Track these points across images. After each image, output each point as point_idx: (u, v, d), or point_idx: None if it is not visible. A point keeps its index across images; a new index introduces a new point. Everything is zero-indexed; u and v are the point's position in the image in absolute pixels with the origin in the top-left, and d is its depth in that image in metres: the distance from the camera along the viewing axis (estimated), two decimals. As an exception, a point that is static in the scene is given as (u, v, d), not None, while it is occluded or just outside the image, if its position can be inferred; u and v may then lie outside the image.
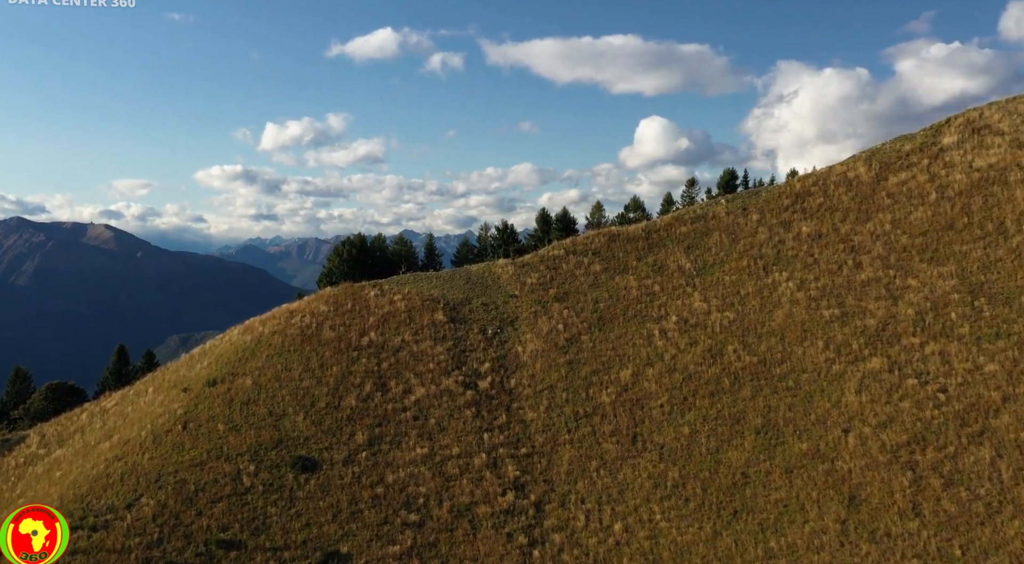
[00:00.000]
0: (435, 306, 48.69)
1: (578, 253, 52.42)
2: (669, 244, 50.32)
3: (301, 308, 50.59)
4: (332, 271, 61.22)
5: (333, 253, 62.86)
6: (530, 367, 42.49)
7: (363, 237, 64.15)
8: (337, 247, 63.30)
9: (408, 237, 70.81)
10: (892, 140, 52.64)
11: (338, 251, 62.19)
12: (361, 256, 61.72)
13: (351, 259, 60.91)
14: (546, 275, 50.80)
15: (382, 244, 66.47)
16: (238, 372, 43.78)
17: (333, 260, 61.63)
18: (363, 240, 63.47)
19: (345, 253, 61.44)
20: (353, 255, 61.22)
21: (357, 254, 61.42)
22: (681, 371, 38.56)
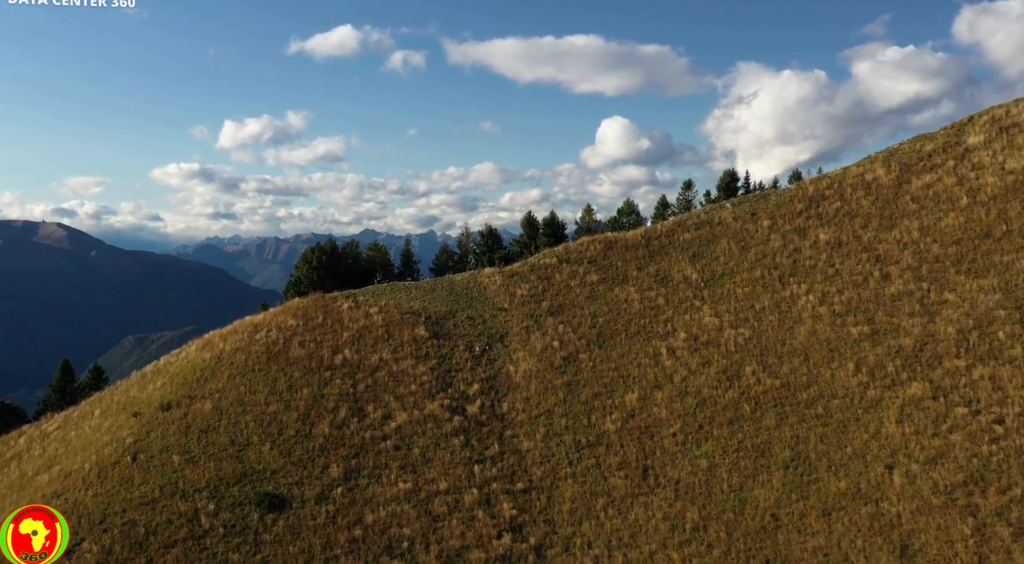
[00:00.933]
0: (416, 320, 45.78)
1: (572, 262, 49.75)
2: (672, 252, 47.83)
3: (266, 321, 47.40)
4: (300, 280, 57.95)
5: (301, 260, 59.60)
6: (524, 389, 39.70)
7: (334, 243, 60.96)
8: (305, 253, 60.05)
9: (383, 243, 67.59)
10: (910, 139, 50.65)
11: (306, 258, 58.94)
12: (332, 263, 58.53)
13: (321, 267, 57.69)
14: (538, 286, 48.06)
15: (355, 250, 63.30)
16: (196, 394, 40.55)
17: (301, 268, 58.36)
18: (334, 246, 60.29)
19: (314, 260, 58.20)
20: (323, 262, 58.01)
21: (327, 261, 58.22)
22: (694, 395, 35.96)
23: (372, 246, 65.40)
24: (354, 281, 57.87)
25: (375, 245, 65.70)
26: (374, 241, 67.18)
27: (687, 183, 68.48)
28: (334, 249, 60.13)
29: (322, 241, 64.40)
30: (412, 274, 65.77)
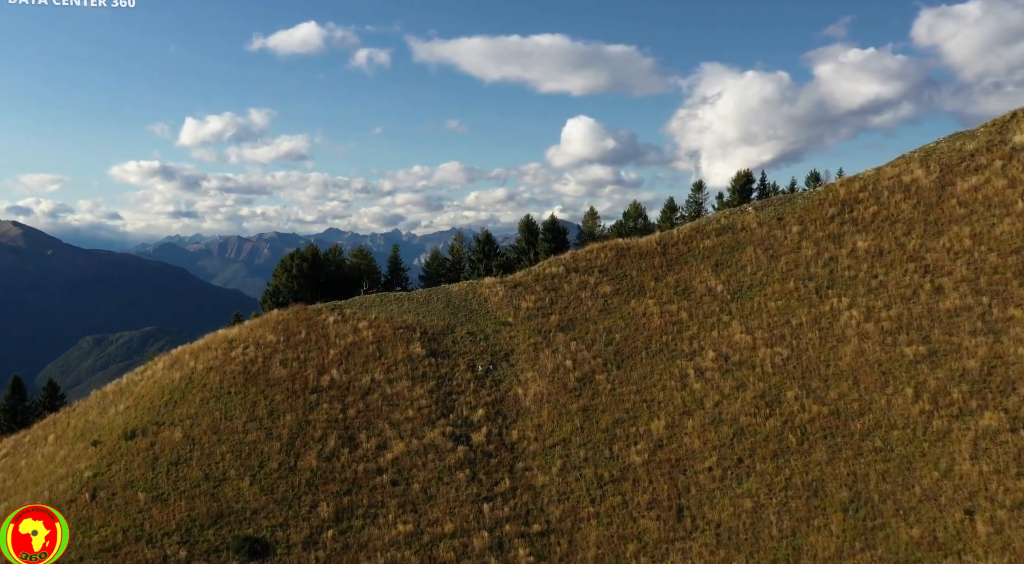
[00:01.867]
0: (410, 336, 42.86)
1: (581, 271, 47.00)
2: (692, 261, 45.21)
3: (243, 337, 44.29)
4: (279, 289, 54.75)
5: (279, 268, 56.40)
6: (535, 415, 36.87)
7: (315, 249, 57.83)
8: (284, 260, 56.85)
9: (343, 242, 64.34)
10: (946, 137, 48.40)
11: (285, 265, 55.75)
12: (313, 272, 55.43)
13: (301, 275, 54.54)
14: (544, 298, 45.26)
15: (338, 257, 60.19)
16: (165, 421, 37.41)
17: (279, 276, 55.16)
18: (315, 252, 57.16)
19: (294, 267, 55.03)
20: (304, 270, 54.87)
21: (308, 269, 55.09)
22: (730, 423, 33.29)
23: (356, 252, 62.26)
24: (338, 290, 54.83)
25: (360, 251, 62.56)
26: (359, 246, 63.96)
27: (697, 184, 66.03)
28: (315, 255, 56.98)
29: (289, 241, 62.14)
30: (401, 283, 62.74)
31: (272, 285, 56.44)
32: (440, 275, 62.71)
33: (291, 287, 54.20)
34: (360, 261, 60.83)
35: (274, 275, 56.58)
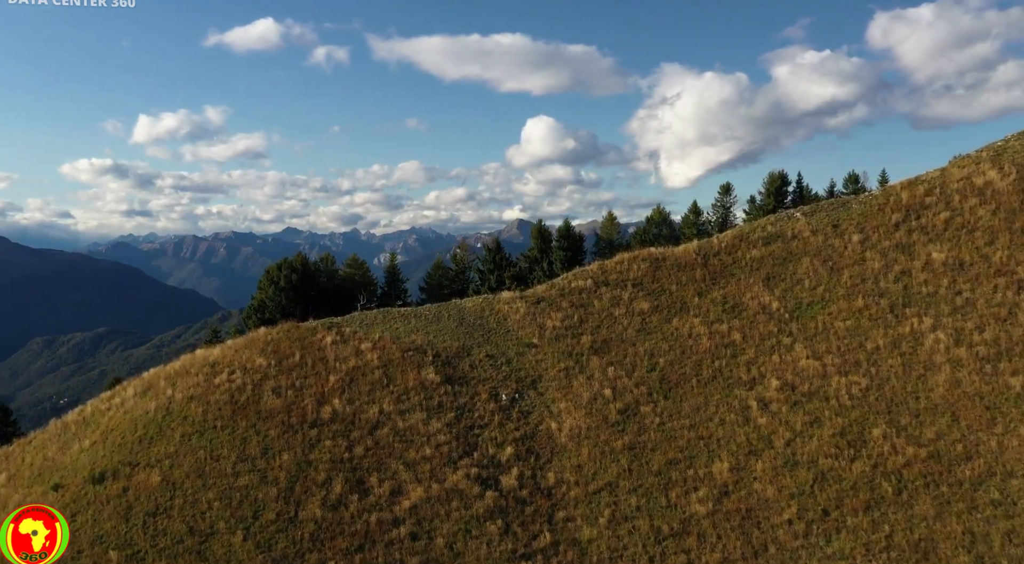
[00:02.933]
0: (421, 359, 39.19)
1: (612, 285, 43.52)
2: (739, 273, 41.86)
3: (227, 359, 40.44)
4: (264, 304, 50.81)
5: (264, 279, 52.45)
6: (573, 454, 33.25)
7: (305, 258, 53.98)
8: (270, 271, 52.89)
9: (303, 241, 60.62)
10: (1015, 135, 45.55)
11: (271, 277, 51.81)
12: (304, 283, 51.58)
13: (290, 288, 50.65)
14: (572, 316, 41.71)
15: (330, 266, 56.38)
16: (139, 461, 33.51)
17: (265, 289, 51.20)
18: (305, 262, 53.31)
19: (282, 279, 51.11)
20: (293, 282, 50.98)
21: (299, 281, 51.21)
22: (807, 466, 29.81)
23: (351, 261, 58.33)
24: (331, 305, 51.04)
25: (354, 260, 58.62)
26: (353, 255, 60.07)
27: (725, 186, 62.77)
28: (305, 265, 53.12)
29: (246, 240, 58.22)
30: (399, 295, 58.99)
31: (257, 298, 52.47)
32: (443, 287, 59.04)
33: (279, 301, 50.34)
34: (354, 271, 56.98)
35: (259, 287, 52.62)
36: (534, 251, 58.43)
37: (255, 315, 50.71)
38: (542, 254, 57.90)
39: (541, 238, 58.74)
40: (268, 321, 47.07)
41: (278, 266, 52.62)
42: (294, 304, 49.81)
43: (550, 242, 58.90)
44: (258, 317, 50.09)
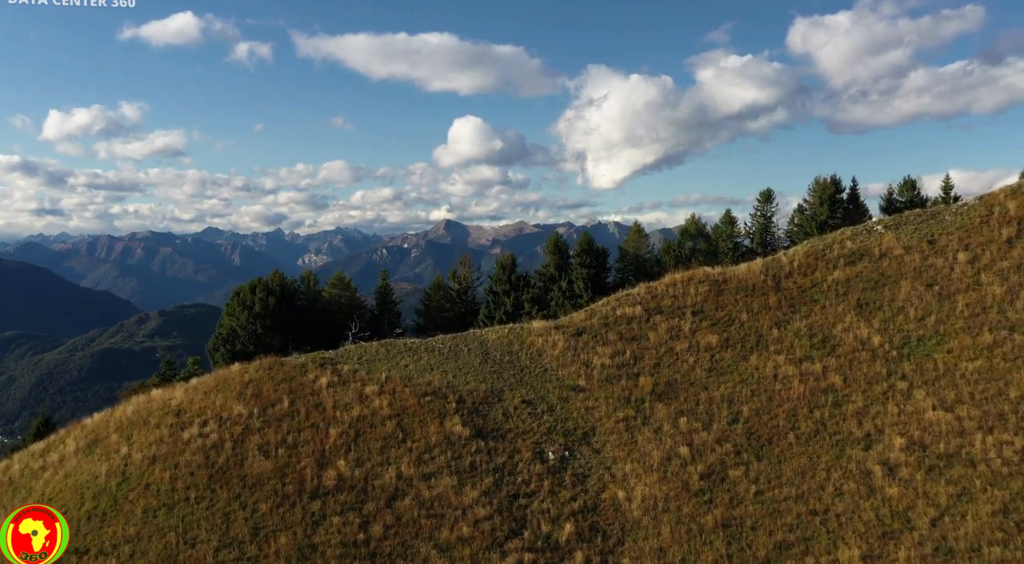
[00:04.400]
0: (443, 406, 33.56)
1: (667, 312, 38.28)
2: (822, 299, 36.90)
3: (195, 405, 34.52)
4: (235, 333, 44.66)
5: (234, 302, 46.30)
6: (651, 532, 27.75)
7: (283, 278, 47.91)
8: (241, 293, 46.76)
9: (226, 241, 54.27)
10: None
11: (242, 300, 45.68)
12: (282, 308, 45.55)
13: (267, 313, 44.59)
14: (624, 351, 36.37)
15: (312, 288, 50.41)
16: (89, 546, 27.47)
17: (237, 315, 45.08)
18: (283, 282, 47.29)
19: (256, 303, 45.00)
20: (270, 307, 44.92)
21: (276, 305, 45.15)
22: (967, 556, 24.61)
23: (335, 281, 52.22)
24: (315, 333, 45.16)
25: (340, 280, 52.52)
26: (338, 273, 53.95)
27: (765, 193, 57.81)
28: (284, 287, 47.08)
29: (164, 240, 52.62)
30: (394, 321, 53.16)
31: (224, 326, 46.25)
32: (443, 310, 53.38)
33: (252, 330, 44.31)
34: (340, 292, 50.98)
35: (227, 313, 46.41)
36: (550, 268, 52.94)
37: (224, 347, 44.53)
38: (560, 271, 52.47)
39: (558, 253, 53.28)
40: (241, 355, 41.08)
41: (251, 287, 46.45)
42: (271, 333, 43.90)
43: (568, 257, 53.53)
44: (227, 349, 43.98)
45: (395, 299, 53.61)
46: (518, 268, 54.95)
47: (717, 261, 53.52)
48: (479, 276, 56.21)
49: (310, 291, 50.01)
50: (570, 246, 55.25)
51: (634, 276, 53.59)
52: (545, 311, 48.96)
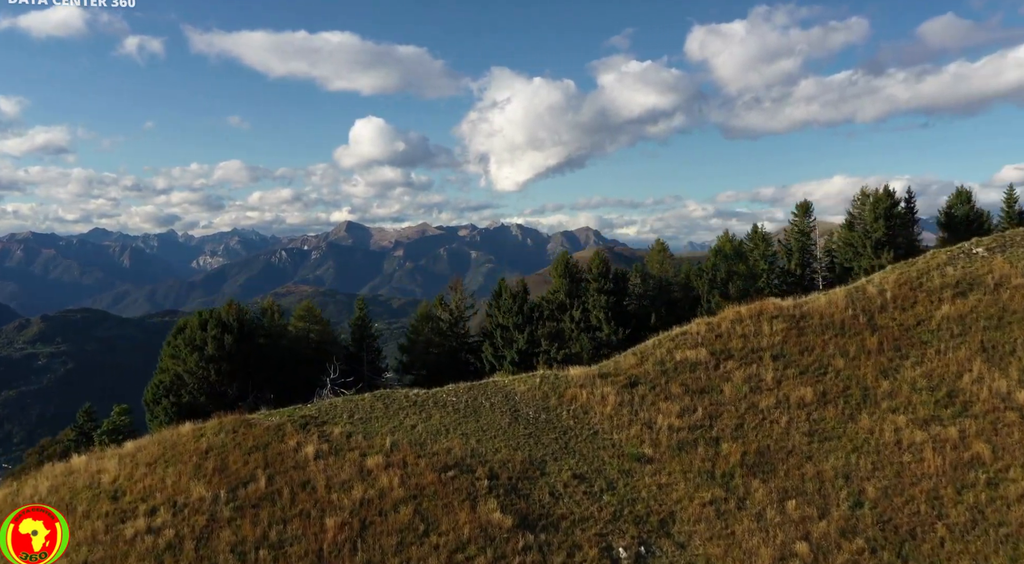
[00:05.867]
0: (472, 483, 27.21)
1: (739, 356, 32.41)
2: (932, 340, 31.48)
3: (136, 484, 27.75)
4: (181, 381, 37.47)
5: (179, 341, 39.13)
6: None
7: (240, 309, 40.82)
8: (188, 329, 39.55)
9: (139, 249, 46.82)
10: None
11: (189, 338, 38.54)
12: (241, 348, 38.57)
13: (222, 355, 37.54)
14: (693, 406, 30.35)
15: (276, 323, 43.39)
16: None
17: (183, 357, 37.91)
18: (241, 313, 40.24)
19: (209, 343, 37.90)
20: (226, 347, 37.86)
21: (234, 344, 38.13)
22: None
23: (303, 312, 44.96)
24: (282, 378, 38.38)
25: (309, 312, 45.22)
26: (306, 302, 46.71)
27: (803, 206, 52.34)
28: (242, 321, 39.98)
29: (47, 241, 44.89)
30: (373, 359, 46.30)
31: (167, 372, 38.93)
32: (432, 345, 46.73)
33: (204, 376, 37.24)
34: (310, 326, 43.95)
35: (169, 354, 39.07)
36: (559, 294, 46.59)
37: (166, 398, 37.34)
38: (571, 298, 46.23)
39: (568, 276, 47.00)
40: (189, 409, 34.21)
41: (200, 322, 39.18)
42: (228, 379, 36.96)
43: (579, 281, 47.33)
44: (172, 402, 36.86)
45: (374, 333, 46.80)
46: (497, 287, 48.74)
47: (756, 285, 48.03)
48: (472, 303, 49.73)
49: (273, 325, 43.01)
50: (473, 250, 49.38)
51: (658, 304, 47.81)
52: (566, 350, 42.81)
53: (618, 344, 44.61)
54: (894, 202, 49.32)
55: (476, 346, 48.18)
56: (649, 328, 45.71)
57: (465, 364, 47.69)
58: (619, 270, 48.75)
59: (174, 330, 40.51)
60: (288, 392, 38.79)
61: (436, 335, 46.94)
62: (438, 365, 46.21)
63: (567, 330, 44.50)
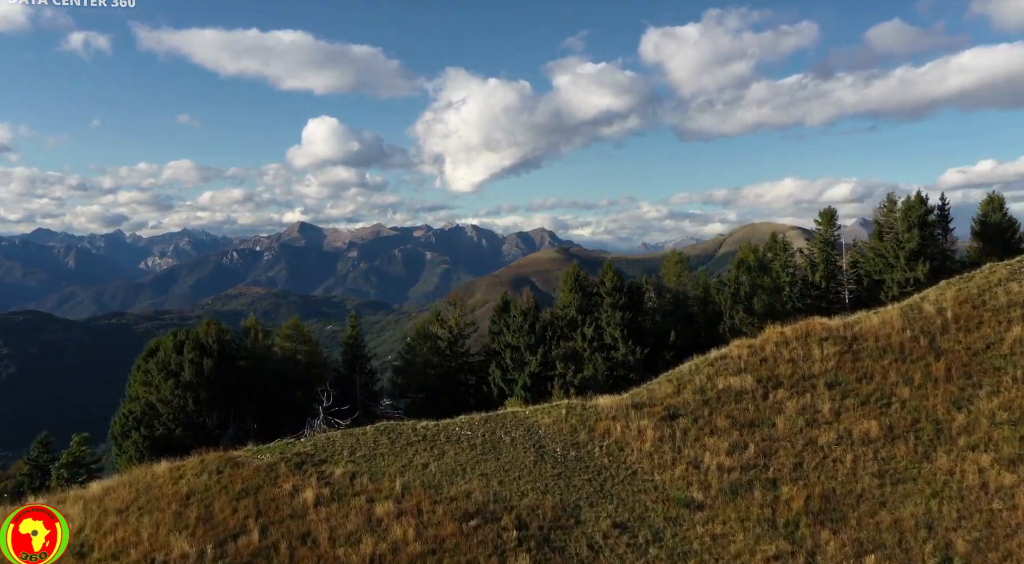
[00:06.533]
0: (498, 533, 24.21)
1: (788, 384, 29.65)
2: (1006, 367, 29.11)
3: (106, 538, 24.82)
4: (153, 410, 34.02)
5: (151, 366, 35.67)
6: None
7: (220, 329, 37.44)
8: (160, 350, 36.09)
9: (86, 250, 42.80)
10: None
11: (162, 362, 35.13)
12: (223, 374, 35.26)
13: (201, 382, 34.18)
14: (743, 442, 27.48)
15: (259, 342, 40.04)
16: None
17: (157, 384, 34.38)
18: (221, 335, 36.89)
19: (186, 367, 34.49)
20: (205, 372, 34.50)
21: (214, 369, 34.81)
22: None
23: (290, 331, 41.32)
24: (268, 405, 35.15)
25: (296, 330, 41.55)
26: (293, 320, 43.06)
27: (827, 214, 49.70)
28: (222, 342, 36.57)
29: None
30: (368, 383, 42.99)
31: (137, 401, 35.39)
32: (431, 367, 43.54)
33: (181, 406, 33.88)
34: (297, 346, 40.54)
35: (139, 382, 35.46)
36: (570, 310, 43.52)
37: (137, 430, 33.89)
38: (583, 314, 43.22)
39: (580, 290, 43.96)
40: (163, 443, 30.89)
41: (175, 345, 35.61)
42: (207, 409, 33.65)
43: (589, 293, 44.33)
44: (143, 435, 33.46)
45: (367, 353, 43.41)
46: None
47: (781, 300, 45.36)
48: (473, 320, 46.49)
49: (257, 346, 39.61)
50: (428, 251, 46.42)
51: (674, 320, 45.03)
52: (583, 373, 39.81)
53: (635, 365, 41.75)
54: (928, 209, 46.75)
55: (476, 366, 45.15)
56: (667, 347, 42.89)
57: (465, 386, 44.64)
58: (634, 283, 45.77)
59: (145, 353, 37.00)
60: (274, 422, 35.52)
61: (434, 355, 43.73)
62: (437, 388, 43.10)
63: (581, 348, 41.50)
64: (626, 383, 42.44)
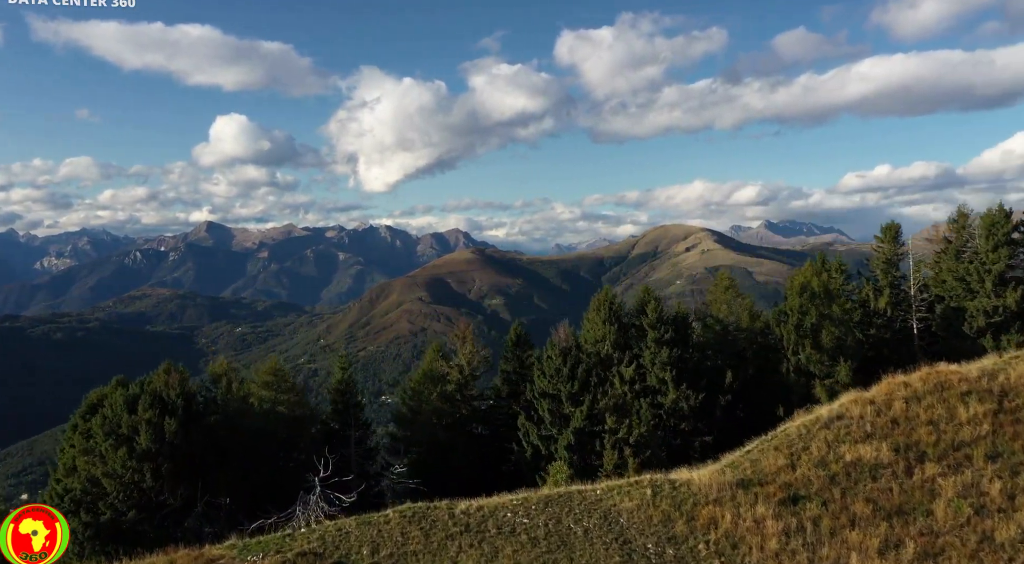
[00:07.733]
0: None
1: (933, 455, 24.27)
2: None
3: None
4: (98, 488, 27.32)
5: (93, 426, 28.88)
6: None
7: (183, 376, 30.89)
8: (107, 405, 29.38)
9: (280, 364, 35.87)
10: None
11: (110, 423, 28.29)
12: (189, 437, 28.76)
13: (162, 449, 27.58)
14: (898, 539, 21.82)
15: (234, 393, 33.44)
16: None
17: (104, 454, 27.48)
18: (184, 385, 30.35)
19: (142, 430, 27.82)
20: (167, 436, 27.93)
21: (178, 431, 28.27)
22: None
23: (268, 375, 34.10)
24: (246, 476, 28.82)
25: (276, 372, 34.14)
26: (272, 361, 35.46)
27: (890, 229, 43.81)
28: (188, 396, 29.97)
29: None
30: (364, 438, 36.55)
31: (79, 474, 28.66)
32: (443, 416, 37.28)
33: (136, 483, 27.26)
34: (278, 396, 33.91)
35: (78, 452, 28.41)
36: (604, 345, 37.19)
37: (76, 516, 26.90)
38: (620, 349, 37.16)
39: (615, 320, 37.93)
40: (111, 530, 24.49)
41: (128, 400, 28.59)
42: (170, 484, 27.19)
43: (627, 329, 38.36)
44: (84, 524, 26.64)
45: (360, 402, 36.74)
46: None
47: (852, 333, 39.86)
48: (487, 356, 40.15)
49: (230, 399, 32.94)
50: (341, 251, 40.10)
51: (724, 356, 39.35)
52: (639, 430, 33.66)
53: (688, 413, 35.99)
54: (1014, 227, 41.41)
55: (489, 414, 39.16)
56: (723, 390, 37.21)
57: (477, 438, 38.59)
58: (679, 313, 39.85)
59: (83, 409, 30.04)
60: (254, 496, 29.18)
61: (445, 401, 37.44)
62: (447, 441, 36.99)
63: (619, 393, 35.59)
64: (679, 436, 36.67)
